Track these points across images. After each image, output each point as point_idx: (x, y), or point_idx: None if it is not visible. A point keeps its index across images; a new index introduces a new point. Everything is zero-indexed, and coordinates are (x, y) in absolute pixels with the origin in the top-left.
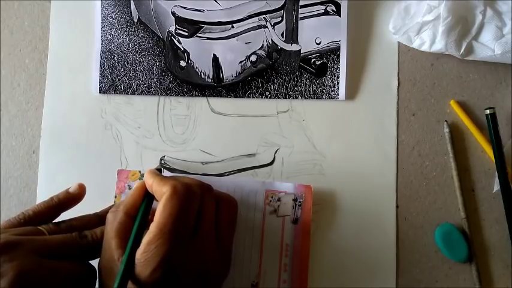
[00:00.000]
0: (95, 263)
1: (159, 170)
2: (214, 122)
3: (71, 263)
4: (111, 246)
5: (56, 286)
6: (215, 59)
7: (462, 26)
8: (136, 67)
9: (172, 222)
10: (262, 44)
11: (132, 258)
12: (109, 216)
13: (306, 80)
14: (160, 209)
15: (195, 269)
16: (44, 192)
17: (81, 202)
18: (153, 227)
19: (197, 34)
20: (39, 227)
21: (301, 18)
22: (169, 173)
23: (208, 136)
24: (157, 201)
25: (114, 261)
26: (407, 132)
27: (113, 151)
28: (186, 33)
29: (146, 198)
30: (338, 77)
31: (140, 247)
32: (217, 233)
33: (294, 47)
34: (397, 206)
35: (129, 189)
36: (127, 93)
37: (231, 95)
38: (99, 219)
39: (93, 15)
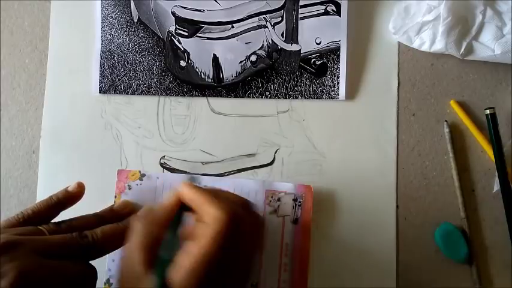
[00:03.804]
0: (95, 263)
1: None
2: (214, 122)
3: (71, 263)
4: (134, 258)
5: (56, 286)
6: (215, 59)
7: (462, 26)
8: (136, 67)
9: (220, 252)
10: (262, 44)
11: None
12: (136, 225)
13: (306, 80)
14: (209, 236)
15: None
16: (44, 192)
17: (81, 202)
18: (197, 252)
19: (197, 34)
20: (39, 227)
21: (301, 18)
22: (170, 173)
23: (208, 136)
24: (190, 211)
25: (136, 275)
26: (407, 132)
27: (113, 151)
28: (186, 33)
29: (180, 211)
30: (338, 77)
31: (179, 271)
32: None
33: (294, 47)
34: (397, 206)
35: (129, 189)
36: (127, 93)
37: (231, 95)
38: (99, 219)
39: (93, 15)
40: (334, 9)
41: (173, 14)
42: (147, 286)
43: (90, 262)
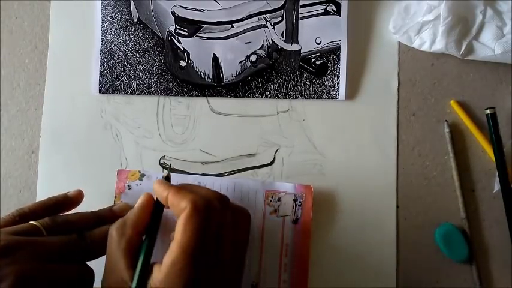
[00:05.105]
0: (92, 263)
1: (167, 178)
2: (214, 122)
3: (70, 265)
4: (119, 266)
5: None
6: (215, 59)
7: (462, 25)
8: (136, 67)
9: (195, 241)
10: (262, 44)
11: (144, 280)
12: (113, 233)
13: (306, 79)
14: (181, 227)
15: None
16: (44, 192)
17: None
18: (175, 247)
19: (197, 34)
20: (34, 223)
21: (301, 18)
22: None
23: (208, 136)
24: (166, 208)
25: (126, 283)
26: (407, 132)
27: (112, 151)
28: (186, 33)
29: (155, 211)
30: (338, 77)
31: (162, 269)
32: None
33: (294, 47)
34: (397, 206)
35: (129, 189)
36: (127, 93)
37: (231, 95)
38: (97, 217)
39: (92, 15)
40: (334, 9)
41: (173, 13)
42: None
43: (87, 263)
